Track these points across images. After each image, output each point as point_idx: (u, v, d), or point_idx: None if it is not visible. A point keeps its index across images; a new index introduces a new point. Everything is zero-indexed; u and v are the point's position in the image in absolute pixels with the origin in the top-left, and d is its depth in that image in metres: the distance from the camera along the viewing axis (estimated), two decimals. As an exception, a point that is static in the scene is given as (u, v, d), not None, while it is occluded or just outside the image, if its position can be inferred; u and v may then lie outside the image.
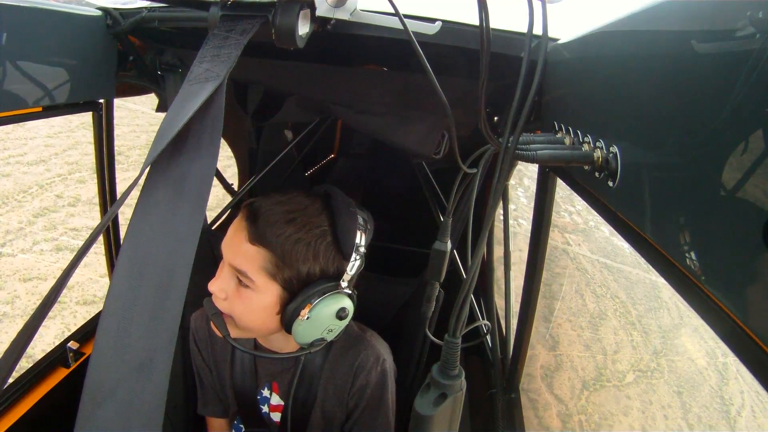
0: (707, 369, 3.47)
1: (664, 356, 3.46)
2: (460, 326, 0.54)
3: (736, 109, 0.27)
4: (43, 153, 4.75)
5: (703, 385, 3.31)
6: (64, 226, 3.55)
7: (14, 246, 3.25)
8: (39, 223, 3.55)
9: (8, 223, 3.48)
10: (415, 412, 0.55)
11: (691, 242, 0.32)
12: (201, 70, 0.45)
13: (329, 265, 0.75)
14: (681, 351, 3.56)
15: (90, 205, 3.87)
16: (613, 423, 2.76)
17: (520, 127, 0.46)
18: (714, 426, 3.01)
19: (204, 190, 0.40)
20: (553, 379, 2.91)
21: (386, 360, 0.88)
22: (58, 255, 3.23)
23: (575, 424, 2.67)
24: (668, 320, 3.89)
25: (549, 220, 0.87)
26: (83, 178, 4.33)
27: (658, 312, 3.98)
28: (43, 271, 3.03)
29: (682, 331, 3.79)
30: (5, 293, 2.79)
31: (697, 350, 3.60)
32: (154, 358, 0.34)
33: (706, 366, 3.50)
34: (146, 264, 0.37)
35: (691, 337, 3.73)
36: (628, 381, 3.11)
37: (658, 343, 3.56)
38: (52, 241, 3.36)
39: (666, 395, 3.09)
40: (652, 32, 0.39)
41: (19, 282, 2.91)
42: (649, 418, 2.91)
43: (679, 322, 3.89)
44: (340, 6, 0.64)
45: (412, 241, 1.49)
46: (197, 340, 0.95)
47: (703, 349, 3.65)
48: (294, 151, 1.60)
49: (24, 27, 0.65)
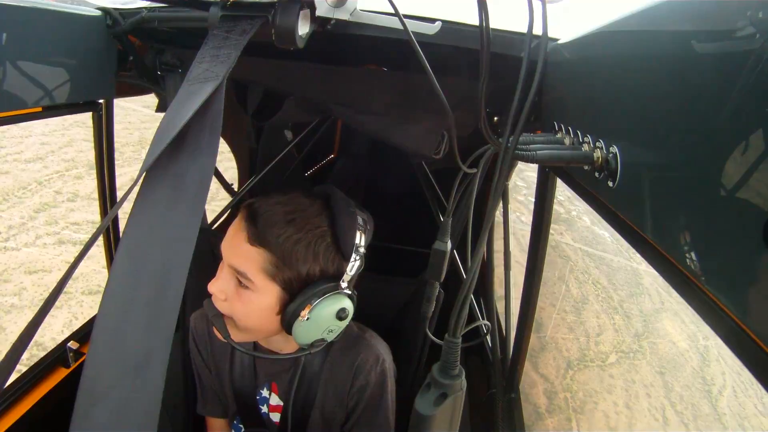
0: (689, 351, 3.57)
1: (645, 339, 3.56)
2: (460, 326, 0.54)
3: (736, 109, 0.27)
4: (40, 151, 4.82)
5: (684, 366, 3.42)
6: (65, 221, 3.64)
7: (18, 240, 3.34)
8: (40, 218, 3.63)
9: (10, 218, 3.57)
10: (415, 411, 0.55)
11: (691, 242, 0.32)
12: (200, 70, 0.45)
13: (329, 266, 0.75)
14: (662, 334, 3.67)
15: (88, 200, 3.94)
16: (598, 400, 2.87)
17: (520, 128, 0.46)
18: (696, 404, 3.12)
19: (202, 191, 0.40)
20: (539, 359, 3.00)
21: (386, 360, 0.88)
22: (61, 248, 3.31)
23: (561, 401, 2.77)
24: (649, 305, 4.01)
25: (549, 220, 0.87)
26: (80, 174, 4.42)
27: (639, 297, 4.09)
28: (47, 264, 3.11)
29: (663, 316, 3.90)
30: (12, 285, 2.88)
31: (678, 333, 3.72)
32: (151, 358, 0.34)
33: (687, 348, 3.59)
34: (143, 264, 0.37)
35: (672, 321, 3.84)
36: (611, 361, 3.23)
37: (639, 327, 3.67)
38: (54, 235, 3.45)
39: (648, 375, 3.20)
40: (652, 32, 0.39)
41: (25, 274, 2.99)
42: (633, 396, 3.01)
43: (660, 307, 4.01)
44: (340, 6, 0.64)
45: (412, 241, 1.49)
46: (197, 340, 0.95)
47: (684, 332, 3.76)
48: (294, 151, 1.60)
49: (24, 27, 0.65)
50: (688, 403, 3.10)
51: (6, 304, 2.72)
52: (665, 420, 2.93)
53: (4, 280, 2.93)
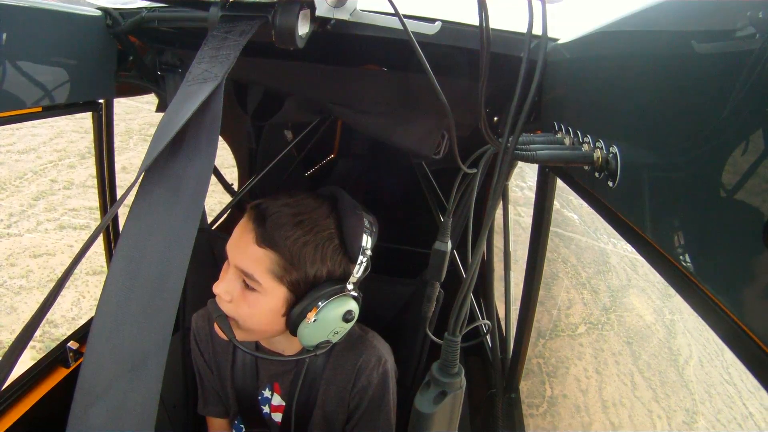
0: (655, 324, 3.80)
1: (613, 312, 3.74)
2: (460, 325, 0.54)
3: (736, 109, 0.27)
4: (31, 142, 4.92)
5: (651, 337, 3.65)
6: (63, 207, 3.80)
7: (20, 227, 3.49)
8: (39, 206, 3.79)
9: (10, 206, 3.71)
10: (415, 409, 0.55)
11: (690, 242, 0.32)
12: (199, 71, 0.45)
13: (336, 268, 0.75)
14: (629, 308, 3.86)
15: (83, 188, 4.11)
16: (569, 366, 3.07)
17: (519, 128, 0.46)
18: (663, 372, 3.34)
19: (201, 191, 0.40)
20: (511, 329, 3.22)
21: (387, 361, 0.88)
22: (62, 233, 3.48)
23: (534, 366, 2.99)
24: (617, 282, 4.21)
25: (549, 220, 0.87)
26: (73, 163, 4.56)
27: (606, 275, 4.29)
28: (50, 248, 3.27)
29: (630, 291, 4.09)
30: (19, 269, 3.05)
31: (644, 308, 3.92)
32: (148, 359, 0.34)
33: (653, 322, 3.82)
34: (141, 264, 0.37)
35: (639, 296, 4.02)
36: (581, 332, 3.43)
37: (607, 301, 3.87)
38: (54, 221, 3.61)
39: (616, 344, 3.40)
40: (652, 32, 0.39)
41: (30, 258, 3.16)
42: (602, 363, 3.20)
43: (627, 284, 4.19)
44: (339, 6, 0.64)
45: (412, 241, 1.48)
46: (198, 340, 0.95)
47: (650, 307, 3.99)
48: (294, 151, 1.60)
49: (24, 27, 0.64)
50: (656, 370, 3.30)
51: (15, 286, 2.88)
52: (634, 385, 3.14)
53: (11, 264, 3.07)
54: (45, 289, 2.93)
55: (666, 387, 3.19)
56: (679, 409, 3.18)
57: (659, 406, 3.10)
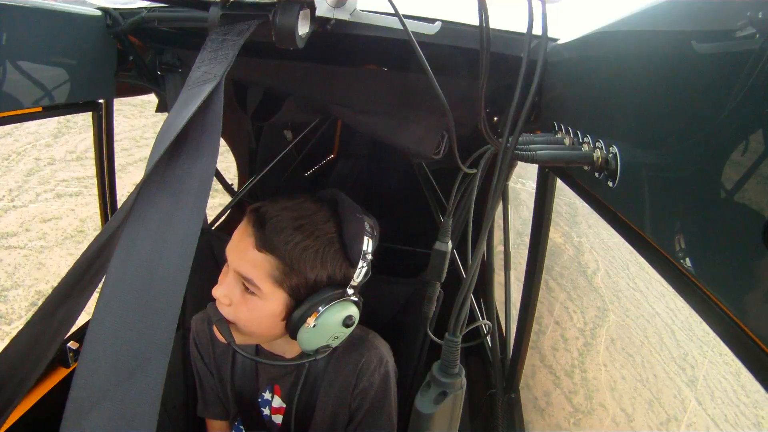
0: (564, 245, 4.49)
1: (525, 236, 4.09)
2: (460, 325, 0.54)
3: (736, 109, 0.27)
4: (5, 128, 5.24)
5: (562, 254, 4.33)
6: (55, 180, 4.26)
7: (23, 199, 3.93)
8: (33, 180, 4.22)
9: (7, 183, 4.11)
10: (415, 410, 0.55)
11: (690, 242, 0.32)
12: (199, 73, 0.45)
13: (336, 272, 0.74)
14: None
15: (65, 162, 4.58)
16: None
17: (519, 128, 0.46)
18: (575, 279, 3.99)
19: (203, 192, 0.39)
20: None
21: (388, 362, 0.88)
22: (61, 200, 3.97)
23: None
24: (527, 214, 4.65)
25: (549, 220, 0.87)
26: (49, 142, 4.96)
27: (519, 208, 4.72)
28: (56, 213, 3.77)
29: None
30: (34, 233, 3.53)
31: (554, 233, 4.42)
32: (148, 364, 0.33)
33: (563, 242, 4.49)
34: (140, 267, 0.36)
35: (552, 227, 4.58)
36: (499, 250, 4.00)
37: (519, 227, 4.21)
38: (51, 191, 4.07)
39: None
40: (652, 32, 0.39)
41: (41, 223, 3.64)
42: (520, 273, 3.61)
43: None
44: (339, 6, 0.64)
45: (413, 241, 1.48)
46: (198, 342, 0.95)
47: (559, 232, 4.63)
48: (294, 152, 1.60)
49: (24, 27, 0.64)
50: (568, 279, 3.92)
51: (36, 247, 3.37)
52: (548, 288, 3.67)
53: (26, 229, 3.53)
54: (63, 245, 3.42)
55: (578, 290, 3.78)
56: (591, 306, 3.80)
57: (574, 304, 3.70)
